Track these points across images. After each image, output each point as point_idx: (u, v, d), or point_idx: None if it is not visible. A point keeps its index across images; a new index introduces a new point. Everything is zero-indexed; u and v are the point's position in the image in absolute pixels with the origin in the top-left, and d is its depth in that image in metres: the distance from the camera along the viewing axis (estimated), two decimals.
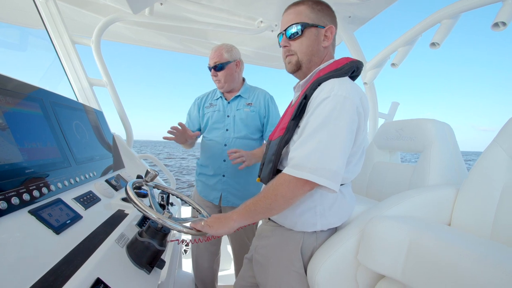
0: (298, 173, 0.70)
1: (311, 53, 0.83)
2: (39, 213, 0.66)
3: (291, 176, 0.72)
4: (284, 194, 0.72)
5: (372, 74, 1.91)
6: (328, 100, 0.72)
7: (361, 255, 0.80)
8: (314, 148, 0.70)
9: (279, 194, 0.73)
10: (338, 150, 0.70)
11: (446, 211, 0.93)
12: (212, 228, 0.75)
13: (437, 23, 1.41)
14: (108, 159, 1.34)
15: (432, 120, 1.15)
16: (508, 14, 1.08)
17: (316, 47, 0.83)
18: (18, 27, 1.91)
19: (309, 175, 0.69)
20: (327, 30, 0.83)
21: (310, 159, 0.70)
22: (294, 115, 0.79)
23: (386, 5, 1.62)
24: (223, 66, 1.40)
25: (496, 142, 0.86)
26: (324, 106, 0.72)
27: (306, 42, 0.82)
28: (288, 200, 0.74)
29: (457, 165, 1.10)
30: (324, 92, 0.74)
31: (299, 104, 0.78)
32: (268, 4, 1.63)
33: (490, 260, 0.58)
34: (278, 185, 0.73)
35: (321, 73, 0.80)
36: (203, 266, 1.58)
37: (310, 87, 0.79)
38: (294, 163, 0.72)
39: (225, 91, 1.48)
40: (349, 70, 0.79)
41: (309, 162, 0.70)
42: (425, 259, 0.68)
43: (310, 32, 0.82)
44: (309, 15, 0.82)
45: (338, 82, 0.75)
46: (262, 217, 0.78)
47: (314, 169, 0.69)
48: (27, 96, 0.84)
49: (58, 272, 0.55)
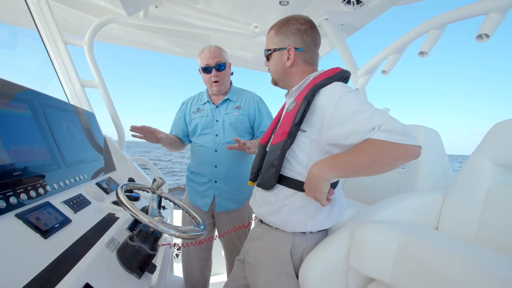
0: (405, 139, 0.69)
1: (279, 72, 0.94)
2: (27, 216, 0.65)
3: (397, 143, 0.69)
4: (392, 156, 0.70)
5: (364, 80, 1.96)
6: (347, 94, 0.77)
7: (351, 259, 0.82)
8: (387, 117, 0.72)
9: (386, 154, 0.70)
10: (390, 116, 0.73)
11: (434, 215, 0.95)
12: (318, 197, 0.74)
13: (425, 33, 1.47)
14: (99, 162, 1.31)
15: (421, 127, 1.19)
16: (491, 26, 1.13)
17: (282, 68, 0.92)
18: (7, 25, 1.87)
19: (413, 140, 0.70)
20: (288, 50, 0.89)
21: (398, 126, 0.70)
22: (297, 120, 0.81)
23: (378, 14, 1.68)
24: (224, 66, 1.38)
25: (480, 148, 0.90)
26: (349, 98, 0.76)
27: (273, 64, 0.94)
28: (394, 162, 0.72)
29: (444, 170, 1.14)
30: (335, 92, 0.79)
31: (303, 109, 0.80)
32: (263, 9, 1.66)
33: (475, 264, 0.60)
34: (385, 149, 0.70)
35: (317, 80, 0.84)
36: (194, 273, 1.54)
37: (310, 92, 0.82)
38: (390, 129, 0.70)
39: (220, 93, 1.45)
40: (340, 78, 0.86)
41: (402, 130, 0.70)
42: (413, 263, 0.70)
43: (275, 56, 0.93)
44: (273, 40, 0.92)
45: (340, 84, 0.82)
46: (357, 174, 0.75)
47: (403, 131, 0.70)
48: (16, 97, 0.83)
49: (45, 277, 0.54)
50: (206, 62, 1.37)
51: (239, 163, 1.45)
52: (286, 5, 1.58)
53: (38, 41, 1.63)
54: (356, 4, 1.50)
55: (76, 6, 1.67)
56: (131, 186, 0.92)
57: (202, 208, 1.46)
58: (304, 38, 0.89)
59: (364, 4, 1.48)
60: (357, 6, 1.50)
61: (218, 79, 1.38)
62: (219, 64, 1.36)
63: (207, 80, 1.41)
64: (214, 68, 1.36)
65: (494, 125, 0.89)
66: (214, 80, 1.37)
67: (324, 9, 1.64)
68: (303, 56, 0.90)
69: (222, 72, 1.38)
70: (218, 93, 1.45)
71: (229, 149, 1.28)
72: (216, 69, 1.37)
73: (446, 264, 0.63)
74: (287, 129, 0.83)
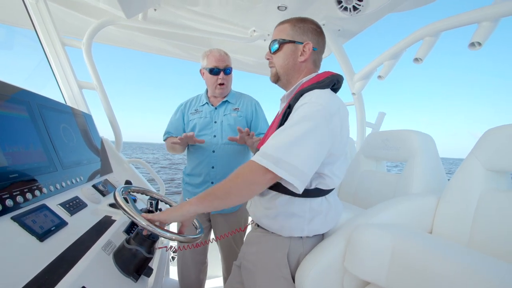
0: (262, 160, 0.71)
1: (287, 66, 0.90)
2: (22, 219, 0.64)
3: (256, 163, 0.72)
4: (246, 178, 0.72)
5: (360, 85, 1.99)
6: (306, 105, 0.76)
7: (347, 262, 0.83)
8: (283, 142, 0.72)
9: (241, 177, 0.72)
10: (306, 149, 0.72)
11: (428, 219, 0.97)
12: (162, 214, 0.72)
13: (419, 39, 1.50)
14: (96, 164, 1.31)
15: (415, 132, 1.21)
16: (483, 35, 1.16)
17: (292, 61, 0.90)
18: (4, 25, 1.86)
19: (271, 165, 0.70)
20: (305, 46, 0.88)
21: (277, 150, 0.71)
22: (279, 123, 0.82)
23: (374, 20, 1.71)
24: (230, 71, 1.42)
25: (473, 154, 0.92)
26: (302, 110, 0.76)
27: (283, 56, 0.90)
28: (248, 185, 0.73)
29: (438, 174, 1.16)
30: (304, 100, 0.78)
31: (284, 113, 0.82)
32: (261, 14, 1.68)
33: (468, 267, 0.61)
34: (241, 169, 0.73)
35: (305, 85, 0.85)
36: (189, 277, 1.53)
37: (294, 97, 0.83)
38: (262, 151, 0.73)
39: (223, 96, 1.48)
40: (330, 83, 0.84)
41: (275, 152, 0.71)
42: (407, 266, 0.71)
43: (287, 48, 0.89)
44: (289, 32, 0.89)
45: (318, 92, 0.80)
46: (219, 203, 0.73)
47: (278, 160, 0.70)
48: (13, 98, 0.82)
49: (41, 281, 0.54)
50: (215, 64, 1.39)
51: (237, 164, 1.45)
52: (284, 10, 1.60)
53: (35, 42, 1.62)
54: (353, 10, 1.52)
55: (74, 7, 1.67)
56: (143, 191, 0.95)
57: None
58: (319, 40, 0.90)
59: (361, 11, 1.51)
60: (354, 12, 1.53)
61: (224, 82, 1.41)
62: (228, 68, 1.41)
63: (213, 82, 1.42)
64: (223, 71, 1.39)
65: (485, 132, 0.91)
66: (221, 82, 1.40)
67: (322, 15, 1.67)
68: (314, 56, 0.91)
69: (228, 76, 1.42)
70: (220, 96, 1.47)
71: (230, 140, 1.29)
72: (224, 72, 1.40)
73: (440, 268, 0.64)
74: (272, 132, 0.84)
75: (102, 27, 1.67)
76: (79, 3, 1.64)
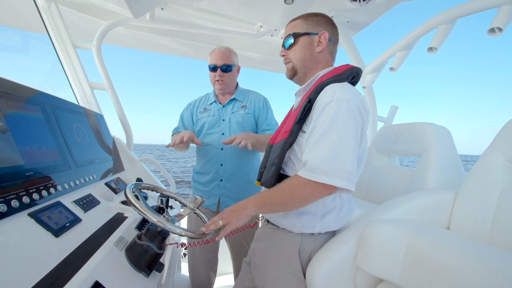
0: (316, 176, 0.71)
1: (304, 58, 0.89)
2: (39, 216, 0.67)
3: (308, 180, 0.72)
4: (302, 195, 0.74)
5: (371, 78, 1.93)
6: (332, 103, 0.75)
7: (359, 259, 0.81)
8: (327, 151, 0.72)
9: (297, 194, 0.74)
10: (349, 150, 0.72)
11: (445, 215, 0.93)
12: (232, 223, 0.76)
13: (434, 28, 1.43)
14: (108, 162, 1.34)
15: (430, 124, 1.16)
16: (503, 19, 1.09)
17: (309, 53, 0.88)
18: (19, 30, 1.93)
19: (327, 178, 0.70)
20: (320, 36, 0.87)
21: (326, 162, 0.71)
22: (298, 118, 0.81)
23: (385, 10, 1.64)
24: (230, 68, 1.42)
25: (493, 146, 0.87)
26: (330, 109, 0.75)
27: (299, 49, 0.89)
28: (305, 201, 0.76)
29: (455, 169, 1.11)
30: (327, 96, 0.76)
31: (303, 107, 0.80)
32: (267, 8, 1.65)
33: (486, 264, 0.58)
34: (296, 186, 0.74)
35: (323, 78, 0.83)
36: (199, 274, 1.55)
37: (314, 91, 0.81)
38: (310, 166, 0.73)
39: (223, 92, 1.49)
40: (349, 75, 0.82)
41: (325, 165, 0.71)
42: (422, 263, 0.68)
43: (303, 40, 0.89)
44: (302, 26, 0.89)
45: (339, 86, 0.78)
46: (274, 211, 0.82)
47: (331, 171, 0.70)
48: (28, 99, 0.85)
49: (56, 274, 0.55)
50: (213, 62, 1.43)
51: (245, 162, 1.45)
52: (291, 4, 1.56)
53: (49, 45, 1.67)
54: (363, 0, 1.47)
55: (84, 10, 1.71)
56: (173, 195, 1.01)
57: (210, 208, 1.47)
58: (333, 31, 0.90)
59: (371, 1, 1.46)
60: (363, 2, 1.48)
61: (221, 79, 1.43)
62: (225, 65, 1.41)
63: (212, 78, 1.47)
64: (220, 69, 1.41)
65: (507, 122, 0.86)
66: (217, 79, 1.44)
67: (330, 6, 1.62)
68: (330, 47, 0.90)
69: (226, 73, 1.42)
70: (220, 92, 1.49)
71: (224, 144, 1.29)
72: (221, 70, 1.41)
73: (458, 265, 0.61)
74: (289, 127, 0.83)
75: (111, 28, 1.70)
76: (88, 5, 1.67)
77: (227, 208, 0.81)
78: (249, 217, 0.78)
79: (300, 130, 0.82)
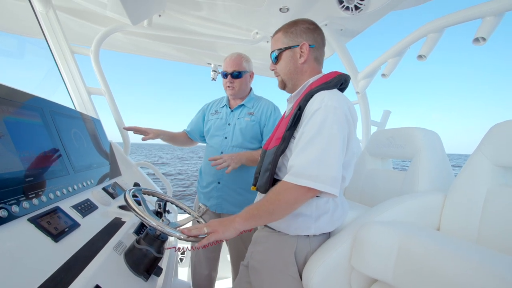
0: (300, 180, 0.74)
1: (290, 71, 0.93)
2: (38, 221, 0.67)
3: (293, 184, 0.75)
4: (287, 200, 0.76)
5: (364, 84, 1.98)
6: (320, 110, 0.77)
7: (354, 260, 0.83)
8: (312, 156, 0.74)
9: (282, 200, 0.76)
10: (334, 156, 0.75)
11: (435, 216, 0.96)
12: (218, 232, 0.75)
13: (423, 36, 1.49)
14: (105, 167, 1.34)
15: (420, 129, 1.20)
16: (487, 30, 1.15)
17: (294, 66, 0.92)
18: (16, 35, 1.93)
19: (310, 182, 0.73)
20: (301, 47, 0.90)
21: (310, 166, 0.74)
22: (289, 125, 0.83)
23: (376, 19, 1.70)
24: (240, 75, 1.46)
25: (479, 149, 0.91)
26: (317, 116, 0.77)
27: (284, 64, 0.93)
28: (291, 206, 0.77)
29: (445, 171, 1.15)
30: (315, 103, 0.79)
31: (294, 114, 0.83)
32: (263, 16, 1.70)
33: (477, 264, 0.61)
34: (281, 191, 0.77)
35: (313, 86, 0.86)
36: (201, 273, 1.57)
37: (303, 98, 0.84)
38: (295, 171, 0.76)
39: (234, 97, 1.52)
40: (338, 82, 0.86)
41: (309, 170, 0.73)
42: (414, 263, 0.71)
43: (286, 55, 0.92)
44: (283, 40, 0.93)
45: (328, 93, 0.81)
46: (264, 221, 0.81)
47: (315, 176, 0.73)
48: (27, 105, 0.86)
49: (57, 279, 0.56)
50: (225, 68, 1.48)
51: (243, 166, 1.47)
52: (286, 12, 1.61)
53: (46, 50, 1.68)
54: (355, 10, 1.53)
55: (82, 16, 1.73)
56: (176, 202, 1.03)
57: (211, 209, 1.49)
58: (315, 36, 0.92)
59: (362, 10, 1.51)
60: (356, 12, 1.53)
61: (232, 85, 1.47)
62: (235, 71, 1.45)
63: (224, 84, 1.52)
64: (230, 75, 1.46)
65: (492, 126, 0.90)
66: (228, 85, 1.48)
67: (324, 15, 1.68)
68: (314, 54, 0.92)
69: (237, 80, 1.46)
70: (232, 97, 1.53)
71: (210, 160, 1.30)
72: (232, 76, 1.46)
73: (448, 265, 0.64)
74: (281, 134, 0.85)
75: (109, 35, 1.71)
76: (87, 12, 1.69)
77: (215, 219, 0.80)
78: (237, 231, 0.76)
79: (291, 137, 0.85)
